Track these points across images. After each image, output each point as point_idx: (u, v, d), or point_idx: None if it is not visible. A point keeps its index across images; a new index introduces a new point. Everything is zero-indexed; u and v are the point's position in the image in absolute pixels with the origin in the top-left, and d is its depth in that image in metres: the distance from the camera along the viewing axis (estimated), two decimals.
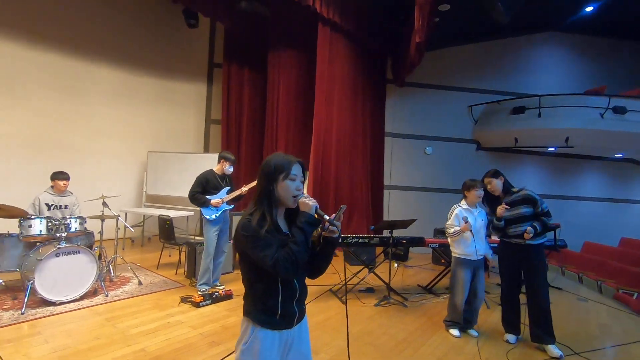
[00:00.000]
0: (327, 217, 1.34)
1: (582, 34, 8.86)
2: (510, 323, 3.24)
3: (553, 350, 2.98)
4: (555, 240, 5.36)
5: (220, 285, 4.25)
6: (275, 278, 1.33)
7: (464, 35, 8.37)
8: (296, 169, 1.36)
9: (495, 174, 3.20)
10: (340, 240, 1.40)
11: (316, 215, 1.33)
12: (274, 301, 1.34)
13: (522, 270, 3.12)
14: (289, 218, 1.43)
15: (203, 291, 3.98)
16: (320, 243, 1.41)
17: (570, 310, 4.34)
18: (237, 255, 1.44)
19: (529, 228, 2.97)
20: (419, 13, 5.04)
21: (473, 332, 3.37)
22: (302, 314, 1.45)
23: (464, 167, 8.45)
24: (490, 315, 3.91)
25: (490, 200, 3.27)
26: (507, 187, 3.20)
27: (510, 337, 3.23)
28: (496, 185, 3.17)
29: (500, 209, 3.08)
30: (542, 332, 3.02)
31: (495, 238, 3.55)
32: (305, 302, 1.51)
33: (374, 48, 7.67)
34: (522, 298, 3.21)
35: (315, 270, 1.47)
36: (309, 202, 1.32)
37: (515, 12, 4.34)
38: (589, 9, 7.78)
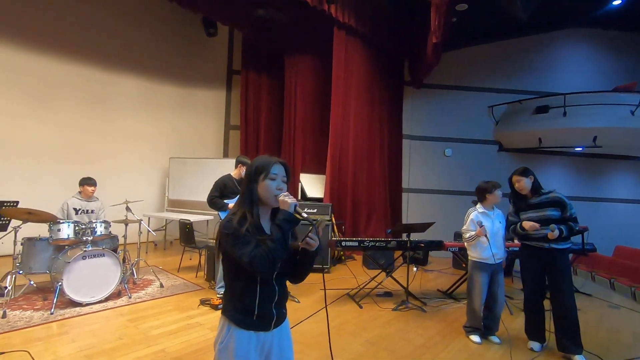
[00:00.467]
0: (306, 215, 1.35)
1: (608, 29, 8.50)
2: (534, 330, 3.11)
3: None
4: (584, 244, 5.13)
5: None
6: (254, 278, 1.33)
7: (482, 35, 8.20)
8: (276, 169, 1.37)
9: (524, 172, 3.03)
10: (317, 252, 1.41)
11: (296, 215, 1.33)
12: (251, 301, 1.33)
13: (546, 276, 2.99)
14: (274, 219, 1.42)
15: (222, 294, 4.04)
16: (298, 254, 1.42)
17: (601, 317, 4.14)
18: (216, 252, 1.44)
19: (553, 225, 2.81)
20: (435, 14, 4.98)
21: (495, 338, 3.27)
22: (281, 317, 1.43)
23: (486, 169, 8.24)
24: (513, 322, 3.78)
25: (515, 199, 3.12)
26: (537, 187, 3.02)
27: (534, 345, 3.11)
28: (525, 184, 3.00)
29: (530, 225, 2.90)
30: (569, 341, 2.88)
31: (516, 242, 3.41)
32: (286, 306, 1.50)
33: (391, 50, 7.64)
34: (547, 304, 3.09)
35: (296, 277, 1.48)
36: (287, 200, 1.33)
37: (534, 8, 4.21)
38: (617, 2, 7.47)
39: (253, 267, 1.25)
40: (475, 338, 3.26)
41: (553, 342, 3.09)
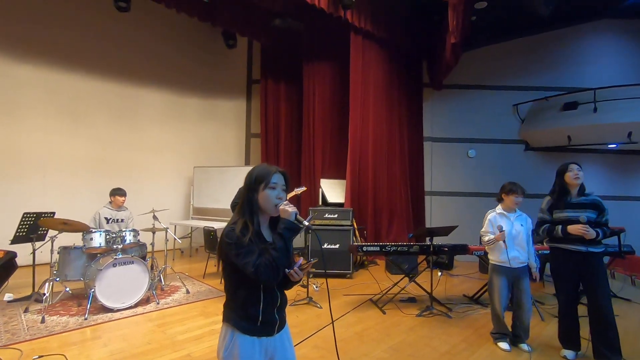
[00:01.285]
0: (307, 224, 1.36)
1: (636, 19, 8.07)
2: (569, 338, 2.96)
3: None
4: (620, 246, 4.86)
5: None
6: (257, 285, 1.36)
7: (503, 32, 7.98)
8: (276, 178, 1.40)
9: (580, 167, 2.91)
10: (297, 283, 1.48)
11: (296, 222, 1.36)
12: (255, 308, 1.36)
13: (582, 280, 2.84)
14: (273, 226, 1.45)
15: None
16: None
17: (637, 321, 3.89)
18: (218, 260, 1.50)
19: (583, 217, 2.71)
20: (453, 13, 4.92)
21: (525, 346, 3.13)
22: (282, 322, 1.47)
23: (512, 169, 7.98)
24: (544, 329, 3.62)
25: (560, 194, 2.93)
26: (582, 187, 2.91)
27: (569, 354, 2.96)
28: (583, 176, 2.85)
29: (578, 230, 2.72)
30: (607, 349, 2.71)
31: (545, 244, 3.26)
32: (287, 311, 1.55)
33: (408, 52, 7.58)
34: (581, 311, 2.94)
35: (281, 285, 1.48)
36: (288, 209, 1.36)
37: (556, 2, 4.07)
38: None
39: (258, 276, 1.28)
40: (503, 345, 3.14)
41: (589, 350, 2.95)
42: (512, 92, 8.24)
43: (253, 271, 1.27)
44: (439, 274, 5.80)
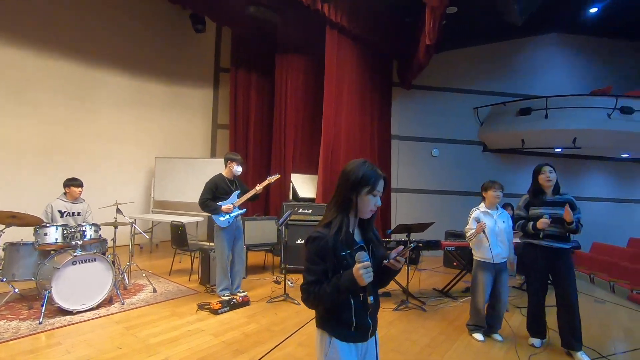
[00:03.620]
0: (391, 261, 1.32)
1: (586, 35, 8.90)
2: (537, 327, 3.19)
3: (581, 357, 2.93)
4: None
5: (243, 292, 4.18)
6: None
7: (469, 38, 8.39)
8: (381, 186, 1.33)
9: (554, 168, 3.09)
10: (398, 271, 1.42)
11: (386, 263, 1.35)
12: (347, 313, 1.32)
13: (552, 274, 3.07)
14: (361, 227, 1.41)
15: (226, 296, 3.93)
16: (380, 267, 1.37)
17: (590, 312, 4.30)
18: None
19: (547, 217, 2.92)
20: (430, 15, 5.04)
21: (497, 336, 3.33)
22: (375, 326, 1.42)
23: (471, 169, 8.45)
24: (510, 319, 3.86)
25: (535, 192, 3.13)
26: (557, 187, 3.11)
27: (536, 342, 3.20)
28: (554, 178, 3.05)
29: (543, 223, 2.93)
30: (573, 338, 2.97)
31: (519, 240, 3.46)
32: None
33: (380, 51, 7.67)
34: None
35: (378, 283, 1.43)
36: (365, 279, 1.20)
37: (529, 13, 4.33)
38: (593, 10, 7.82)
39: (303, 296, 1.30)
40: (478, 336, 3.32)
41: (552, 338, 3.19)
42: (473, 95, 8.69)
43: (304, 289, 1.29)
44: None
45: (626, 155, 8.80)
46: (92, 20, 6.61)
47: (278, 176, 4.33)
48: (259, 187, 4.11)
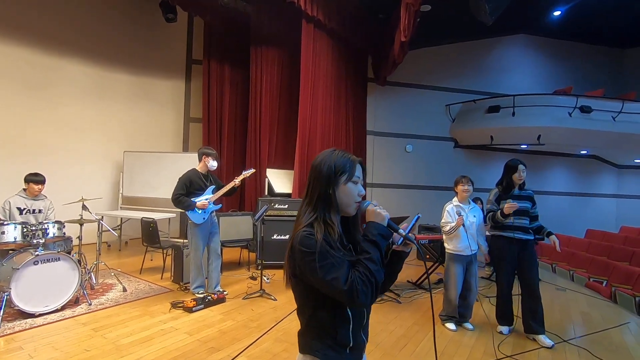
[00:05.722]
0: (403, 232, 1.13)
1: (551, 37, 9.34)
2: (506, 316, 3.35)
3: (544, 340, 3.12)
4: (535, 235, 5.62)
5: (224, 291, 4.09)
6: (341, 303, 1.07)
7: (441, 36, 8.59)
8: (359, 170, 1.16)
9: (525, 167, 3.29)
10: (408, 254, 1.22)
11: (389, 227, 1.12)
12: (344, 332, 1.09)
13: (518, 264, 3.23)
14: (344, 228, 1.19)
15: (201, 294, 3.84)
16: (387, 259, 1.19)
17: (552, 300, 4.56)
18: (285, 276, 1.15)
19: (510, 201, 3.14)
20: (405, 12, 5.11)
21: (468, 325, 3.47)
22: (366, 341, 1.22)
23: (443, 165, 8.70)
24: (479, 309, 4.01)
25: (506, 187, 3.31)
26: (524, 182, 3.33)
27: (504, 329, 3.35)
28: (524, 176, 3.26)
29: (511, 207, 3.07)
30: (536, 323, 3.16)
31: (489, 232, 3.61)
32: None
33: (356, 46, 7.70)
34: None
35: (383, 289, 1.23)
36: (382, 212, 1.10)
37: (500, 13, 4.49)
38: (557, 13, 8.21)
39: (352, 297, 0.99)
40: (450, 326, 3.43)
41: (517, 325, 3.36)
42: (445, 92, 8.93)
43: (346, 290, 0.99)
44: None
45: (585, 152, 9.36)
46: (55, 5, 6.21)
47: (253, 170, 4.25)
48: (237, 181, 4.03)
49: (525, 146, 8.72)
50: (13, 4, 5.76)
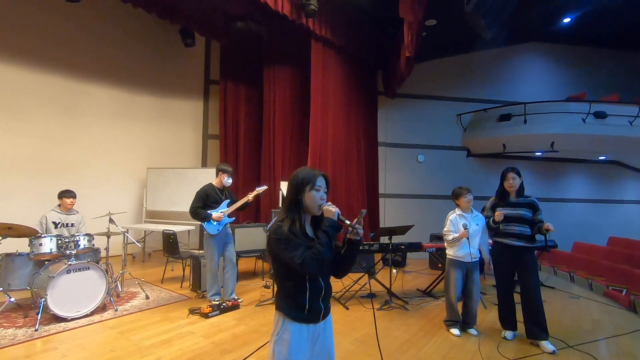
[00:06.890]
0: (349, 222, 1.55)
1: (561, 44, 9.31)
2: (507, 321, 3.42)
3: (546, 345, 3.16)
4: (546, 242, 5.57)
5: (239, 298, 4.32)
6: (303, 277, 1.51)
7: (450, 47, 8.73)
8: (320, 181, 1.57)
9: (519, 173, 3.36)
10: (360, 242, 1.66)
11: (338, 221, 1.54)
12: (302, 298, 1.52)
13: (517, 271, 3.30)
14: (314, 224, 1.63)
15: (216, 301, 4.09)
16: (344, 247, 1.62)
17: (564, 307, 4.54)
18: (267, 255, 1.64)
19: (500, 209, 3.24)
20: (408, 30, 5.32)
21: (473, 331, 3.54)
22: (327, 310, 1.63)
23: (456, 174, 8.72)
24: (487, 315, 4.08)
25: (501, 195, 3.39)
26: (521, 189, 3.37)
27: (508, 334, 3.41)
28: (517, 182, 3.32)
29: (499, 215, 3.20)
30: (537, 328, 3.21)
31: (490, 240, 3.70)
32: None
33: (365, 62, 7.96)
34: (517, 298, 3.40)
35: (340, 271, 1.67)
36: (332, 209, 1.54)
37: (498, 27, 4.63)
38: (567, 20, 8.22)
39: (304, 268, 1.43)
40: (455, 331, 3.52)
41: (522, 330, 3.41)
42: (456, 102, 9.00)
43: (299, 263, 1.41)
44: (394, 271, 6.19)
45: (603, 158, 9.16)
46: (84, 35, 6.79)
47: (266, 187, 4.49)
48: (250, 196, 4.26)
49: (541, 153, 8.65)
50: (48, 35, 6.34)
